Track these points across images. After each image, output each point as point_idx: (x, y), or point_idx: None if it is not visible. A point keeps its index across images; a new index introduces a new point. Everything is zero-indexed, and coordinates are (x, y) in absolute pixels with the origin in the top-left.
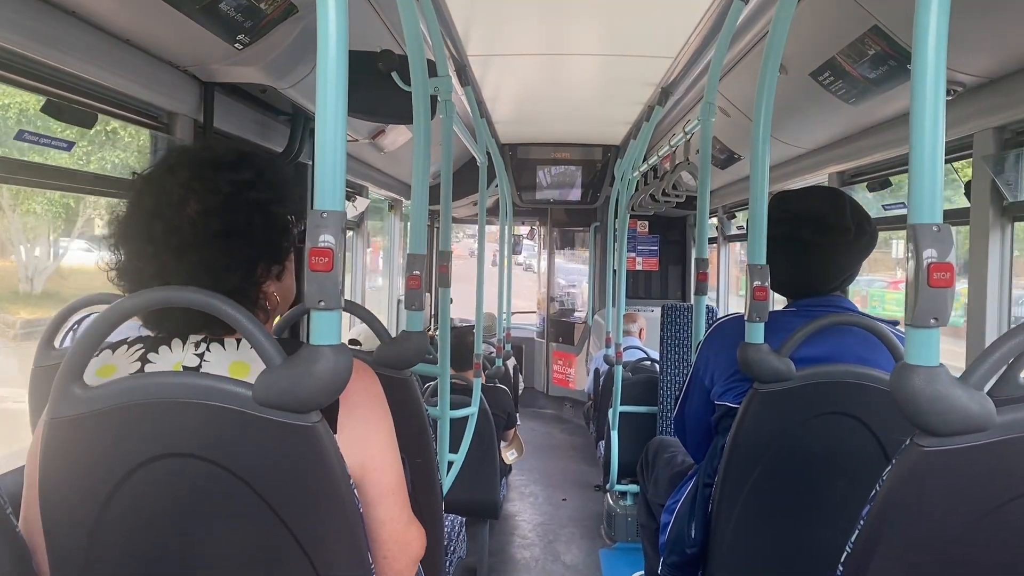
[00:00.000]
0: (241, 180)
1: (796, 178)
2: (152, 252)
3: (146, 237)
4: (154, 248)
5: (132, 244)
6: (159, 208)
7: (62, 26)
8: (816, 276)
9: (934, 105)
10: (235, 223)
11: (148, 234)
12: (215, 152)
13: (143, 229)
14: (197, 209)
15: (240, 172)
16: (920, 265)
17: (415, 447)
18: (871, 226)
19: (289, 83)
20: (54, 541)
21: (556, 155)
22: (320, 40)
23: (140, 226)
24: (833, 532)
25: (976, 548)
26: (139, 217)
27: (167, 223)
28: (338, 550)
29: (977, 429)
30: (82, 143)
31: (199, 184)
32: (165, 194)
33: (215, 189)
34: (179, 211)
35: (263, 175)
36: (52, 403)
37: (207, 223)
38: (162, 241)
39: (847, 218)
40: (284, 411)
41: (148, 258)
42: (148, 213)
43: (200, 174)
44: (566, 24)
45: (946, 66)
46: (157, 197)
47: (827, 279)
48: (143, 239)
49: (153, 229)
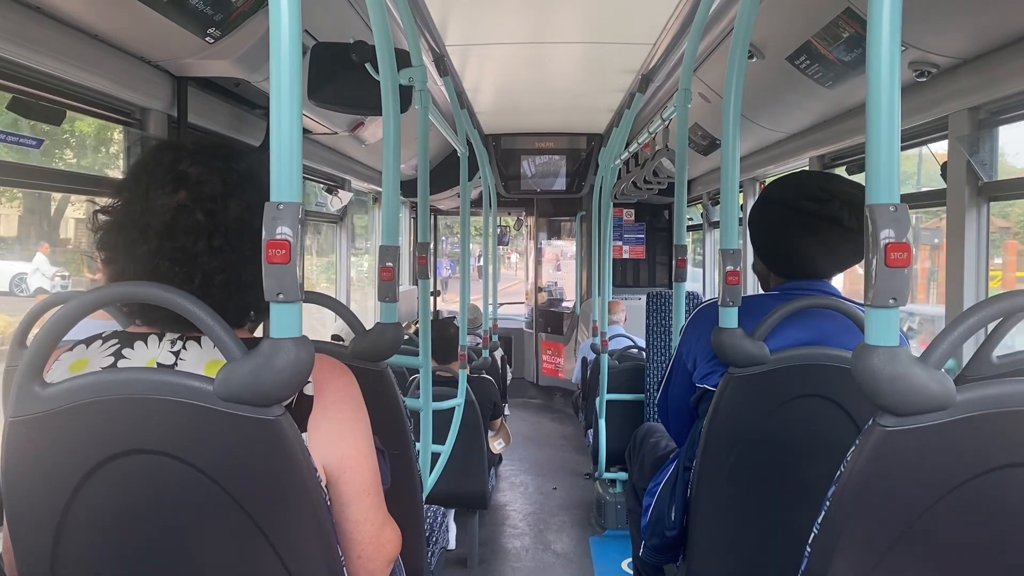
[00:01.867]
0: (240, 169)
1: (778, 162)
2: (149, 245)
3: (142, 229)
4: (153, 240)
5: (125, 237)
6: (155, 199)
7: (28, 23)
8: (835, 259)
9: (889, 86)
10: (238, 212)
11: (177, 230)
12: (210, 143)
13: (140, 221)
14: (233, 203)
15: (238, 162)
16: (878, 245)
17: (393, 439)
18: None
19: (262, 76)
20: (19, 542)
21: (540, 144)
22: (272, 26)
23: (137, 218)
24: (810, 514)
25: (941, 526)
26: (135, 209)
27: (207, 218)
28: (306, 544)
29: (937, 408)
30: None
31: (227, 177)
32: (161, 186)
33: (242, 183)
34: (216, 206)
35: (255, 165)
36: (12, 402)
37: (243, 216)
38: (162, 233)
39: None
40: (246, 405)
41: (141, 250)
42: (145, 205)
43: (224, 166)
44: (545, 12)
45: (900, 47)
46: (154, 189)
47: (842, 264)
48: (139, 231)
49: (151, 220)
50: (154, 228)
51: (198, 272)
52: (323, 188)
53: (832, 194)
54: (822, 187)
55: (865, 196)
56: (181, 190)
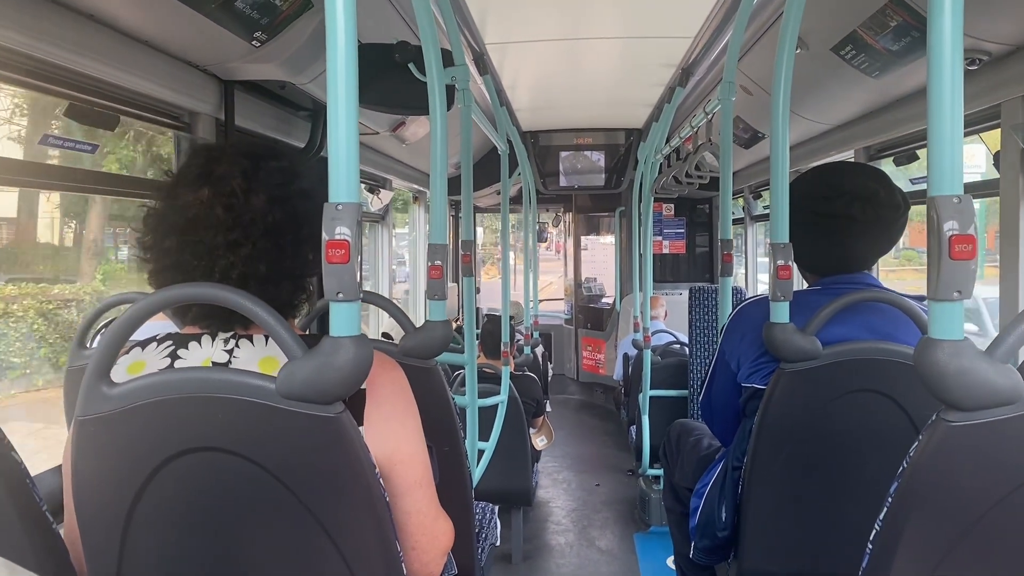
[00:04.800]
0: (288, 169)
1: (823, 154)
2: (173, 240)
3: (169, 225)
4: (177, 235)
5: (157, 234)
6: (182, 196)
7: (82, 30)
8: (861, 254)
9: (952, 75)
10: (290, 211)
11: (198, 225)
12: (257, 145)
13: (168, 218)
14: (255, 199)
15: (282, 162)
16: (942, 238)
17: (442, 435)
18: (908, 202)
19: (307, 78)
20: (88, 538)
21: (578, 140)
22: (329, 33)
23: (165, 215)
24: (865, 511)
25: (1006, 524)
26: (165, 207)
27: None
28: (366, 539)
29: (1005, 403)
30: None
31: (252, 175)
32: (189, 184)
33: (268, 180)
34: (236, 201)
35: (300, 165)
36: (80, 402)
37: (265, 212)
38: (185, 228)
39: (896, 195)
40: (307, 403)
41: (167, 245)
42: (197, 205)
43: (251, 165)
44: (583, 8)
45: (963, 35)
46: (182, 187)
47: (871, 257)
48: (166, 228)
49: (177, 217)
50: (179, 224)
51: (216, 266)
52: (365, 188)
53: (839, 190)
54: (829, 184)
55: (888, 187)
56: (204, 187)
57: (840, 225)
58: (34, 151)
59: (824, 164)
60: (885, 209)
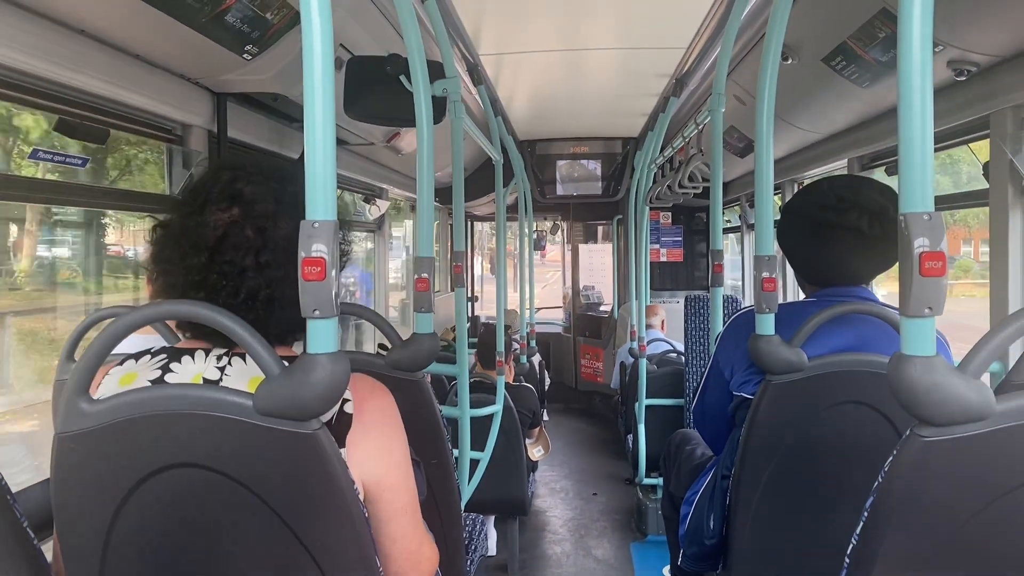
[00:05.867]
0: (292, 191)
1: (816, 164)
2: (200, 257)
3: (195, 242)
4: (205, 253)
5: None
6: (210, 214)
7: (73, 44)
8: (862, 268)
9: (921, 94)
10: (288, 231)
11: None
12: (268, 165)
13: (194, 234)
14: (284, 222)
15: (291, 184)
16: (912, 255)
17: (430, 448)
18: None
19: (299, 90)
20: (69, 555)
21: (575, 149)
22: (305, 53)
23: (191, 232)
24: (851, 523)
25: (982, 537)
26: (190, 223)
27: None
28: (346, 556)
29: (976, 418)
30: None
31: (280, 198)
32: (217, 202)
33: (292, 204)
34: (268, 224)
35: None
36: (60, 418)
37: (292, 236)
38: (213, 247)
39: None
40: (285, 419)
41: (192, 262)
42: (200, 219)
43: (279, 188)
44: (578, 19)
45: (932, 55)
46: (209, 205)
47: (871, 272)
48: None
49: (205, 234)
50: (207, 242)
51: (243, 287)
52: (361, 198)
53: (850, 203)
54: (840, 196)
55: (898, 204)
56: (235, 207)
57: (846, 237)
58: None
59: (835, 176)
60: (893, 226)
